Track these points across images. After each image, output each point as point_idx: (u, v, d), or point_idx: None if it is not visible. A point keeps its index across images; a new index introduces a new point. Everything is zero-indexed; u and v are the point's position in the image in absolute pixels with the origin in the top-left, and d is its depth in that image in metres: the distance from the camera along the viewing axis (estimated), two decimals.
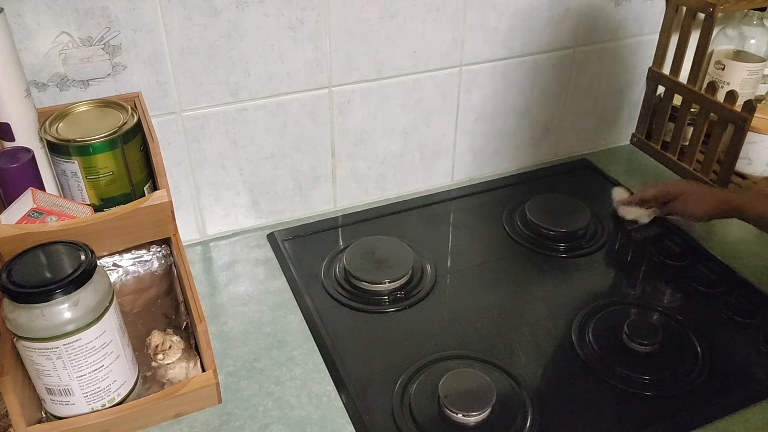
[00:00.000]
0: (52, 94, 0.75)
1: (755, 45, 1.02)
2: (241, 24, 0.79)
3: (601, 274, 0.88)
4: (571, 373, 0.72)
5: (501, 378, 0.70)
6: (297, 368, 0.73)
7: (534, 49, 0.98)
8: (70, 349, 0.58)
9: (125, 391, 0.64)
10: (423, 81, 0.93)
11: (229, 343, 0.76)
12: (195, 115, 0.83)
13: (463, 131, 1.01)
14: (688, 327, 0.77)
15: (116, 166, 0.71)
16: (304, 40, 0.83)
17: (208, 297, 0.83)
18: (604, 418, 0.67)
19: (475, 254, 0.91)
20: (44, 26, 0.71)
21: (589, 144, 1.15)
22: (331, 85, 0.88)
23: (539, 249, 0.90)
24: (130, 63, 0.77)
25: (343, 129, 0.92)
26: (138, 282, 0.78)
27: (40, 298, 0.55)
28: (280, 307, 0.81)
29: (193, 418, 0.67)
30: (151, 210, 0.66)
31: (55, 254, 0.59)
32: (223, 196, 0.91)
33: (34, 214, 0.63)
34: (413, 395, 0.68)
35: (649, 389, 0.70)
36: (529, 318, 0.80)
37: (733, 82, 1.03)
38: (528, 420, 0.66)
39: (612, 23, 1.01)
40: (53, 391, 0.60)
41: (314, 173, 0.95)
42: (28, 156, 0.66)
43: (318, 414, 0.67)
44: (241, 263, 0.88)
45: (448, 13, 0.89)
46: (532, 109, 1.04)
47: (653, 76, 1.09)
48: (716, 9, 0.94)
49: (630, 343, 0.74)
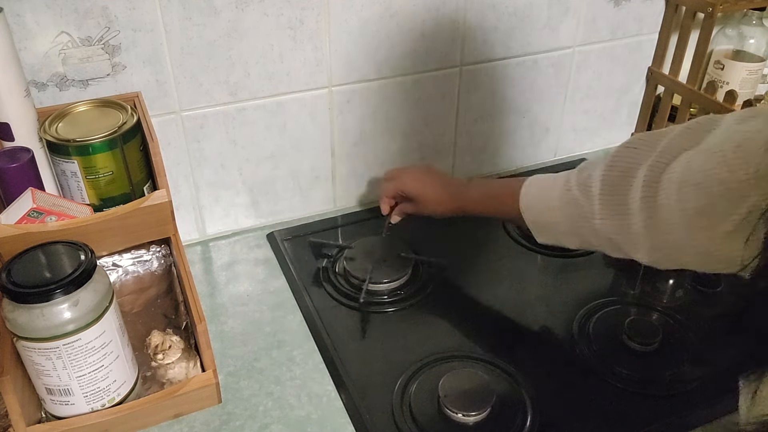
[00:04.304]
0: (52, 93, 0.75)
1: (755, 45, 1.02)
2: (240, 24, 0.79)
3: (601, 273, 0.88)
4: (571, 372, 0.72)
5: (501, 378, 0.70)
6: (297, 368, 0.73)
7: (533, 49, 0.98)
8: (70, 349, 0.58)
9: (125, 391, 0.64)
10: (423, 81, 0.93)
11: (229, 343, 0.76)
12: (195, 114, 0.83)
13: (462, 131, 1.01)
14: (688, 327, 0.77)
15: (116, 166, 0.71)
16: (304, 39, 0.83)
17: (207, 297, 0.82)
18: (604, 418, 0.67)
19: (475, 254, 0.91)
20: (44, 26, 0.71)
21: (589, 144, 1.15)
22: (331, 85, 0.88)
23: (539, 249, 0.90)
24: (129, 63, 0.77)
25: (343, 129, 0.92)
26: (138, 282, 0.78)
27: (40, 298, 0.55)
28: (279, 307, 0.81)
29: (193, 418, 0.67)
30: (150, 210, 0.66)
31: (55, 254, 0.59)
32: (222, 195, 0.91)
33: (33, 214, 0.63)
34: (413, 395, 0.68)
35: (649, 389, 0.70)
36: (529, 318, 0.80)
37: (733, 81, 1.03)
38: (528, 420, 0.66)
39: (612, 23, 1.01)
40: (53, 391, 0.60)
41: (314, 173, 0.95)
42: (28, 156, 0.66)
43: (318, 414, 0.67)
44: (241, 263, 0.88)
45: (448, 13, 0.89)
46: (532, 109, 1.05)
47: (653, 75, 1.09)
48: (716, 9, 0.94)
49: (630, 343, 0.74)
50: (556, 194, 0.69)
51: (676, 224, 0.57)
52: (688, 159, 0.56)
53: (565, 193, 0.68)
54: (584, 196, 0.65)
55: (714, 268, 0.58)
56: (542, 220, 0.71)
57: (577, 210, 0.66)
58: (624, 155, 0.63)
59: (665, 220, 0.58)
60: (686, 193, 0.55)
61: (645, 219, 0.59)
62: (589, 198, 0.65)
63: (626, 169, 0.62)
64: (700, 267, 0.59)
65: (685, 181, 0.55)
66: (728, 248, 0.53)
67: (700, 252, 0.56)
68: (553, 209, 0.69)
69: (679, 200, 0.56)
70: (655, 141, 0.61)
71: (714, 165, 0.52)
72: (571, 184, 0.67)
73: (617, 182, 0.63)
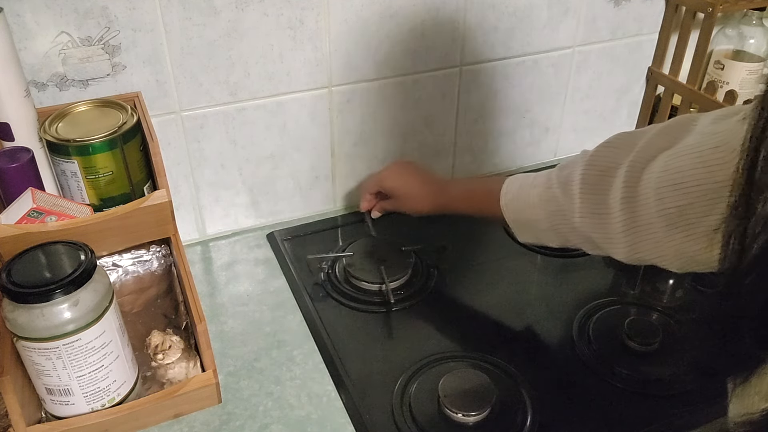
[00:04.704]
0: (52, 93, 0.75)
1: (755, 45, 1.02)
2: (240, 24, 0.79)
3: (601, 273, 0.88)
4: (570, 372, 0.72)
5: (501, 378, 0.70)
6: (297, 368, 0.73)
7: (533, 49, 0.98)
8: (70, 349, 0.58)
9: (125, 391, 0.64)
10: (423, 81, 0.93)
11: (228, 343, 0.76)
12: (195, 114, 0.83)
13: (462, 131, 1.01)
14: (688, 327, 0.77)
15: (116, 166, 0.71)
16: (304, 39, 0.83)
17: (207, 297, 0.82)
18: (604, 418, 0.67)
19: (475, 254, 0.91)
20: (44, 26, 0.71)
21: (589, 144, 1.13)
22: (331, 85, 0.88)
23: (539, 249, 0.90)
24: (129, 63, 0.77)
25: (343, 129, 0.92)
26: (138, 282, 0.78)
27: (40, 298, 0.55)
28: (279, 307, 0.81)
29: (193, 418, 0.67)
30: (150, 210, 0.66)
31: (55, 254, 0.59)
32: (222, 195, 0.91)
33: (33, 214, 0.63)
34: (413, 395, 0.68)
35: (649, 389, 0.70)
36: (529, 318, 0.80)
37: (733, 81, 1.03)
38: (528, 420, 0.66)
39: (612, 23, 1.01)
40: (53, 391, 0.60)
41: (314, 173, 0.95)
42: (28, 156, 0.66)
43: (318, 414, 0.67)
44: (241, 263, 0.88)
45: (448, 13, 0.89)
46: (532, 109, 1.05)
47: (653, 75, 1.09)
48: (716, 9, 0.94)
49: (630, 343, 0.74)
50: (537, 192, 0.69)
51: (654, 224, 0.57)
52: (665, 159, 0.56)
53: (545, 191, 0.68)
54: (564, 194, 0.66)
55: (693, 268, 0.58)
56: (523, 218, 0.72)
57: (557, 208, 0.67)
58: (603, 154, 0.64)
59: (644, 221, 0.58)
60: (664, 194, 0.55)
61: (625, 220, 0.60)
62: (570, 196, 0.65)
63: (606, 168, 0.62)
64: (679, 267, 0.59)
65: (664, 181, 0.55)
66: (707, 249, 0.53)
67: (679, 252, 0.56)
68: (534, 207, 0.69)
69: (657, 201, 0.56)
70: (633, 140, 0.62)
71: (692, 166, 0.53)
72: (552, 182, 0.68)
73: (597, 181, 0.63)
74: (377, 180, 0.89)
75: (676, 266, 0.59)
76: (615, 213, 0.60)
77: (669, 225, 0.56)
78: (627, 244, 0.61)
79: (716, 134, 0.53)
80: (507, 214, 0.73)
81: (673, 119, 0.61)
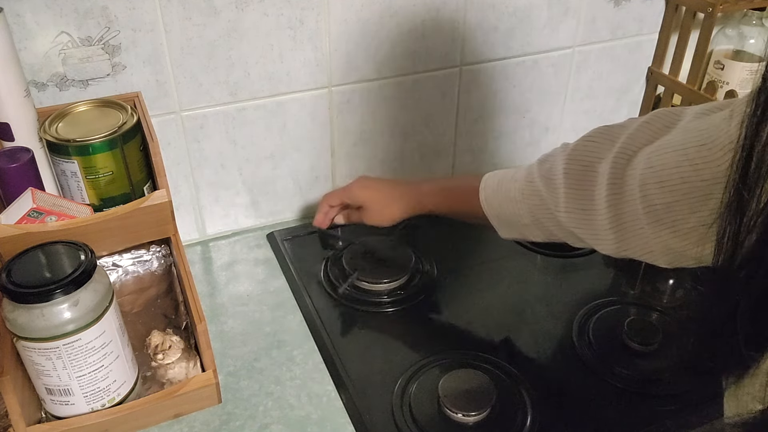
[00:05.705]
0: (52, 93, 0.75)
1: (755, 45, 1.02)
2: (240, 24, 0.79)
3: (601, 273, 0.88)
4: (570, 372, 0.72)
5: (501, 378, 0.70)
6: (297, 368, 0.73)
7: (533, 49, 0.98)
8: (70, 349, 0.58)
9: (125, 391, 0.64)
10: (423, 81, 0.93)
11: (229, 343, 0.76)
12: (194, 114, 0.83)
13: (462, 131, 1.01)
14: (688, 327, 0.77)
15: (116, 166, 0.71)
16: (304, 39, 0.83)
17: (207, 297, 0.82)
18: (604, 418, 0.67)
19: (475, 254, 0.91)
20: (44, 26, 0.71)
21: None
22: (331, 85, 0.88)
23: (539, 249, 0.90)
24: (129, 63, 0.77)
25: (343, 129, 0.92)
26: (138, 282, 0.78)
27: (40, 298, 0.55)
28: (279, 307, 0.81)
29: (193, 418, 0.67)
30: (150, 210, 0.66)
31: (55, 254, 0.59)
32: (222, 195, 0.91)
33: (33, 214, 0.63)
34: (413, 395, 0.68)
35: (649, 389, 0.70)
36: (529, 318, 0.80)
37: (733, 81, 1.03)
38: (528, 420, 0.66)
39: (612, 23, 1.01)
40: (53, 391, 0.60)
41: (314, 173, 0.95)
42: (28, 156, 0.66)
43: (318, 414, 0.67)
44: (241, 263, 0.88)
45: (448, 13, 0.89)
46: (532, 109, 1.05)
47: (653, 75, 1.09)
48: (716, 9, 0.94)
49: (630, 343, 0.74)
50: (518, 186, 0.68)
51: (641, 221, 0.56)
52: (649, 156, 0.55)
53: (527, 185, 0.67)
54: (548, 189, 0.65)
55: (682, 264, 0.57)
56: (504, 213, 0.71)
57: (540, 202, 0.66)
58: (584, 148, 0.63)
59: (630, 217, 0.57)
60: (649, 191, 0.55)
61: (611, 216, 0.59)
62: (553, 191, 0.64)
63: (588, 163, 0.62)
64: (667, 263, 0.59)
65: (648, 178, 0.55)
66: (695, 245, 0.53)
67: (667, 248, 0.56)
68: (515, 201, 0.68)
69: (642, 198, 0.55)
70: (614, 135, 0.61)
71: (677, 164, 0.52)
72: (534, 176, 0.67)
73: (581, 176, 0.62)
74: (342, 193, 0.86)
75: (664, 262, 0.59)
76: (601, 209, 0.60)
77: (655, 221, 0.55)
78: (614, 240, 0.60)
79: (701, 131, 0.52)
80: (487, 210, 0.71)
81: (653, 113, 0.59)
